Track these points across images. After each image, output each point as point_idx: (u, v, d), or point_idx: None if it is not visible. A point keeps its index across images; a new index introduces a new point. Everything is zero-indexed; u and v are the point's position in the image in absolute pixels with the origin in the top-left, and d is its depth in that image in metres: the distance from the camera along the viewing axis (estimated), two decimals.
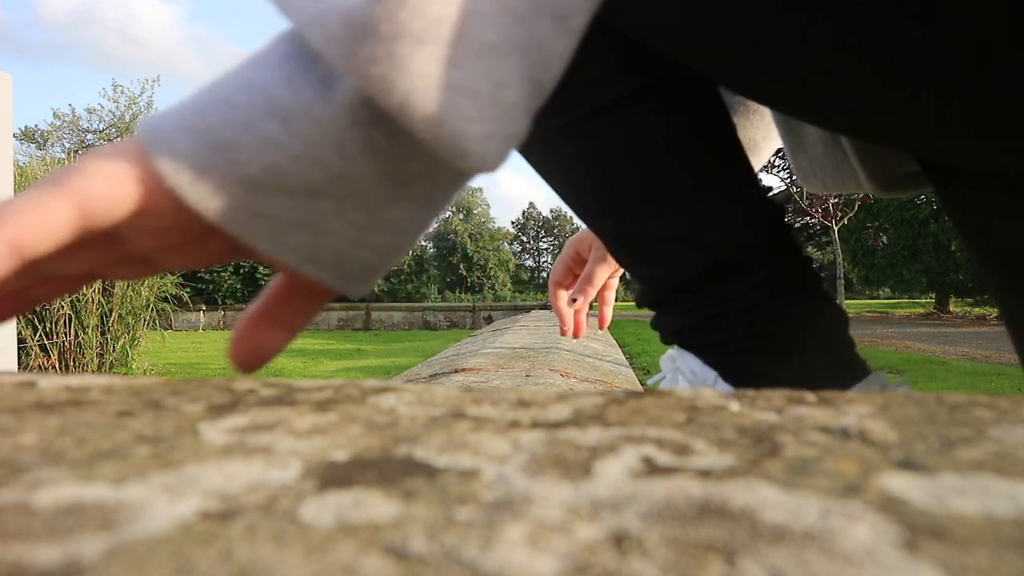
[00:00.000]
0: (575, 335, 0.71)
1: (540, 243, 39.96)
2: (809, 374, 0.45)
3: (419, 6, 0.22)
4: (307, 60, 0.25)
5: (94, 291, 4.24)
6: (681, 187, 0.44)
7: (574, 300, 0.69)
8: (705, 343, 0.47)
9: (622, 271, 0.68)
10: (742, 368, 0.46)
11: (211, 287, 17.61)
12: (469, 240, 32.65)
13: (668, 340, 0.51)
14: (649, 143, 0.43)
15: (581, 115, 0.43)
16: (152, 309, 4.69)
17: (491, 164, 0.25)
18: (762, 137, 0.60)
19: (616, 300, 0.77)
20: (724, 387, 0.45)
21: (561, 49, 0.25)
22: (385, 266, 0.29)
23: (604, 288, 0.71)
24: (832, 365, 0.46)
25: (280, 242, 0.26)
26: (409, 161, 0.26)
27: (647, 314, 0.52)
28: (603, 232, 0.49)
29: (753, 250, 0.45)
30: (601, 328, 0.78)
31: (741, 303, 0.45)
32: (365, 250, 0.27)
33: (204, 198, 0.24)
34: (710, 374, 0.46)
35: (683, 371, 0.48)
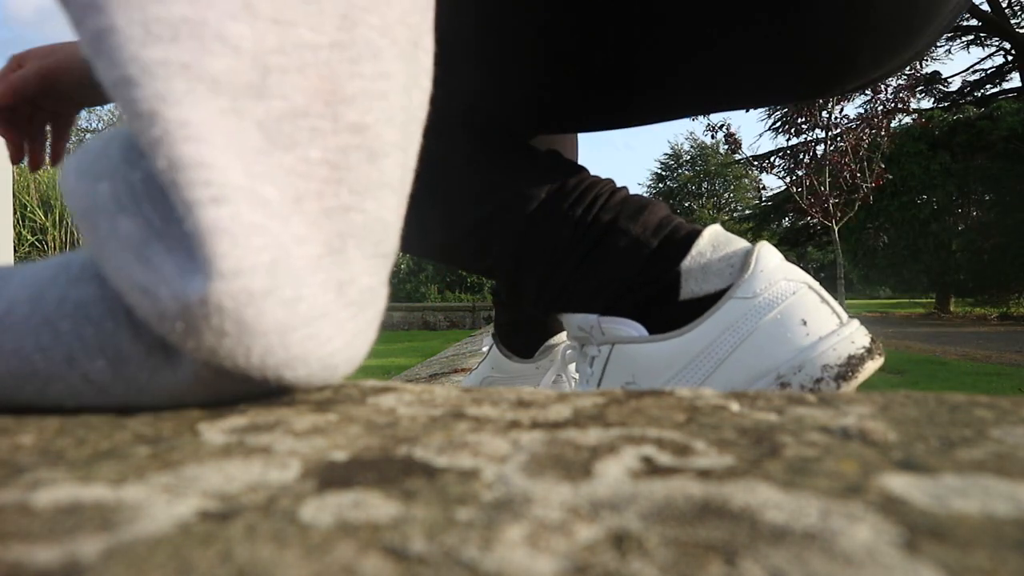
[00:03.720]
0: (31, 166, 0.66)
1: None
2: (635, 269, 0.48)
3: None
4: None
5: None
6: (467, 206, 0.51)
7: None
8: (553, 303, 0.52)
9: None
10: (577, 294, 0.50)
11: None
12: None
13: (544, 316, 0.57)
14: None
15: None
16: None
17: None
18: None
19: None
20: (608, 322, 0.49)
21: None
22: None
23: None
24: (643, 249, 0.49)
25: None
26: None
27: None
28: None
29: (542, 214, 0.50)
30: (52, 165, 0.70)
31: (548, 261, 0.50)
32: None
33: None
34: (590, 318, 0.50)
35: (570, 328, 0.53)
